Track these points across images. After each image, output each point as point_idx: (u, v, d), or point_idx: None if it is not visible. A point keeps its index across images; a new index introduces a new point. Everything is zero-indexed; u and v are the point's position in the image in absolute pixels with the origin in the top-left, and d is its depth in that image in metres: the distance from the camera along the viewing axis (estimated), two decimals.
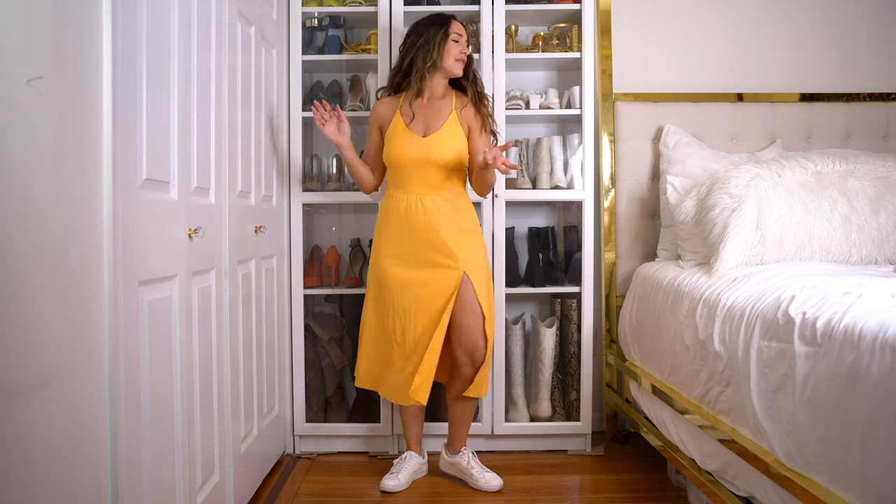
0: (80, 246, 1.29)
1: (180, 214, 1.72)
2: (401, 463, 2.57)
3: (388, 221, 2.50)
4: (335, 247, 3.06)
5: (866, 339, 1.39)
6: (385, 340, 2.48)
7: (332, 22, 2.94)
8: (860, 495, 1.38)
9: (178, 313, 1.70)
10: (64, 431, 1.23)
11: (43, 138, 1.18)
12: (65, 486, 1.24)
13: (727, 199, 2.37)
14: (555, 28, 2.99)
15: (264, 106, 2.56)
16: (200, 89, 1.86)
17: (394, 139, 2.49)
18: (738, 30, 3.15)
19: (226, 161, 2.08)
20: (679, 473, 2.46)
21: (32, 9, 1.15)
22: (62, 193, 1.23)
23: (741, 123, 3.01)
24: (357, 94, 2.96)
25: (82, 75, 1.30)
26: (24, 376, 1.12)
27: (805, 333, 1.60)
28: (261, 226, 2.43)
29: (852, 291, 1.62)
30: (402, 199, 2.47)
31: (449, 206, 2.46)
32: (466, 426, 2.59)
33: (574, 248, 2.99)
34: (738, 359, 1.87)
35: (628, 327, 2.79)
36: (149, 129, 1.53)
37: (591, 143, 2.89)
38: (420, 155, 2.44)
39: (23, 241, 1.12)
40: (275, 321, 2.70)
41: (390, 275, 2.46)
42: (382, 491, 2.49)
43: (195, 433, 1.82)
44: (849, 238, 2.35)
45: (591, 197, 2.89)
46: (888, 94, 3.06)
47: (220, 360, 2.03)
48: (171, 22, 1.68)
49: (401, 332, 2.44)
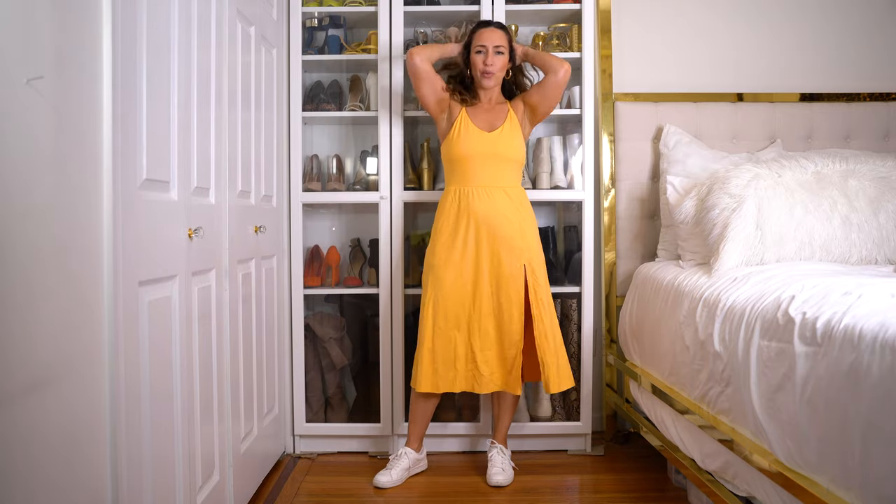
0: (80, 246, 1.29)
1: (180, 214, 1.72)
2: (396, 459, 2.59)
3: (449, 217, 2.54)
4: (335, 247, 3.06)
5: (866, 339, 1.39)
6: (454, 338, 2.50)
7: (332, 22, 2.94)
8: (860, 495, 1.37)
9: (178, 313, 1.70)
10: (63, 431, 1.23)
11: (43, 138, 1.18)
12: (64, 486, 1.24)
13: (727, 199, 2.37)
14: (555, 28, 2.99)
15: (264, 106, 2.56)
16: (200, 89, 1.86)
17: (461, 132, 2.54)
18: (738, 30, 3.15)
19: (226, 161, 2.07)
20: (679, 473, 2.46)
21: (32, 9, 1.15)
22: (62, 193, 1.23)
23: (741, 123, 3.01)
24: (357, 94, 2.96)
25: (82, 75, 1.30)
26: (23, 376, 1.12)
27: (805, 333, 1.60)
28: (261, 226, 2.43)
29: (852, 291, 1.61)
30: (466, 192, 2.53)
31: (512, 201, 2.54)
32: (501, 420, 2.65)
33: (574, 248, 2.99)
34: (738, 359, 1.87)
35: (628, 327, 2.79)
36: (149, 128, 1.53)
37: (591, 143, 2.89)
38: (487, 149, 2.52)
39: (22, 241, 1.12)
40: (275, 321, 2.70)
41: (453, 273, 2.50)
42: (375, 486, 2.51)
43: (195, 433, 1.82)
44: (849, 238, 2.35)
45: (591, 197, 2.89)
46: (888, 94, 3.06)
47: (220, 359, 2.03)
48: (171, 22, 1.68)
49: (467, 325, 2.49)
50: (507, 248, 2.50)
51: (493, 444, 2.63)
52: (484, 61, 2.51)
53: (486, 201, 2.51)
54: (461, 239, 2.51)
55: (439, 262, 2.52)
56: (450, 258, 2.51)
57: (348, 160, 3.08)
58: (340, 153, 3.06)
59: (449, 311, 2.50)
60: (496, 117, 2.59)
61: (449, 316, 2.50)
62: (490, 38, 2.51)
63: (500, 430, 2.65)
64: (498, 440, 2.64)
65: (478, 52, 2.53)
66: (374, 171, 2.95)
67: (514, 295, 2.49)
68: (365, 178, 2.99)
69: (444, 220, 2.55)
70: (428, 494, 2.49)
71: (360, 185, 2.99)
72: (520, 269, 2.50)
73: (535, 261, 2.54)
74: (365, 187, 2.95)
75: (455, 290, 2.50)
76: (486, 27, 2.55)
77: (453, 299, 2.50)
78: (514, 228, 2.51)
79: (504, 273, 2.49)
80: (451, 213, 2.54)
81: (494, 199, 2.52)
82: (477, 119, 2.57)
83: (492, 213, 2.50)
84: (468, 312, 2.50)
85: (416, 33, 2.99)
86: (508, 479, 2.53)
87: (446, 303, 2.50)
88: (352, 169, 3.08)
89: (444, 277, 2.51)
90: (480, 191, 2.52)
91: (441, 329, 2.50)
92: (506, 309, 2.49)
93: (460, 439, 2.89)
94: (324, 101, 2.90)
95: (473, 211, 2.51)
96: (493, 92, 2.61)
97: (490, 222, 2.50)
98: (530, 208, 2.62)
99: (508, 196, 2.53)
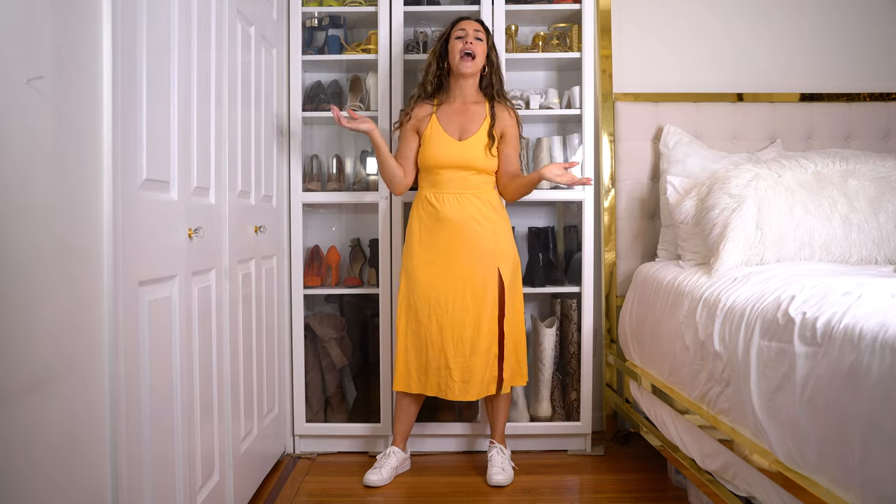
0: (80, 246, 1.29)
1: (180, 214, 1.72)
2: (384, 458, 2.60)
3: (422, 221, 2.55)
4: (335, 247, 3.06)
5: (866, 339, 1.39)
6: (426, 340, 2.52)
7: (332, 22, 2.94)
8: (860, 495, 1.37)
9: (178, 313, 1.70)
10: (64, 431, 1.23)
11: (43, 138, 1.18)
12: (64, 486, 1.24)
13: (727, 199, 2.37)
14: (555, 28, 2.99)
15: (264, 106, 2.56)
16: (200, 89, 1.86)
17: (432, 142, 2.55)
18: (738, 30, 3.15)
19: (226, 161, 2.07)
20: (679, 473, 2.46)
21: (32, 8, 1.15)
22: (62, 193, 1.23)
23: (741, 123, 3.01)
24: (357, 94, 2.96)
25: (82, 75, 1.30)
26: (23, 375, 1.12)
27: (805, 333, 1.60)
28: (261, 226, 2.43)
29: (852, 291, 1.61)
30: (438, 198, 2.54)
31: (484, 204, 2.54)
32: (497, 420, 2.65)
33: (574, 248, 2.99)
34: (738, 359, 1.87)
35: (628, 327, 2.79)
36: (149, 128, 1.53)
37: (591, 143, 2.89)
38: (457, 158, 2.52)
39: (23, 241, 1.12)
40: (275, 321, 2.70)
41: (425, 276, 2.52)
42: (366, 485, 2.52)
43: (195, 433, 1.82)
44: (849, 238, 2.35)
45: (591, 197, 2.89)
46: (888, 94, 3.06)
47: (220, 360, 2.03)
48: (171, 22, 1.68)
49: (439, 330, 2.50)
50: (479, 252, 2.51)
51: (493, 443, 2.64)
52: (464, 41, 2.52)
53: (457, 207, 2.52)
54: (434, 244, 2.53)
55: (412, 265, 2.55)
56: (422, 262, 2.53)
57: (348, 160, 3.09)
58: (340, 153, 3.06)
59: (421, 314, 2.52)
60: (469, 121, 2.58)
61: (421, 319, 2.52)
62: (470, 25, 2.55)
63: (496, 429, 2.66)
64: (496, 440, 2.65)
65: (458, 38, 2.54)
66: (374, 171, 2.95)
67: (489, 297, 2.50)
68: (365, 178, 2.99)
69: (416, 224, 2.58)
70: (428, 494, 2.49)
71: (359, 185, 2.99)
72: (493, 272, 2.52)
73: (508, 264, 2.55)
74: (365, 187, 2.95)
75: (427, 293, 2.52)
76: (465, 19, 2.59)
77: (424, 301, 2.52)
78: (485, 231, 2.52)
79: (478, 276, 2.50)
80: (422, 217, 2.56)
81: (465, 204, 2.53)
82: (448, 123, 2.57)
83: (463, 218, 2.51)
84: (440, 317, 2.51)
85: (416, 33, 2.99)
86: (508, 479, 2.53)
87: (418, 304, 2.53)
88: (352, 169, 3.08)
89: (418, 280, 2.53)
90: (451, 197, 2.53)
91: (413, 330, 2.54)
92: (479, 312, 2.50)
93: (459, 439, 2.89)
94: (324, 101, 2.90)
95: (444, 216, 2.52)
96: (468, 86, 2.59)
97: (462, 227, 2.51)
98: (503, 211, 2.63)
99: (480, 200, 2.55)
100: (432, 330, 2.51)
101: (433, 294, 2.51)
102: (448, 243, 2.52)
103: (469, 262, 2.51)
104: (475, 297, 2.50)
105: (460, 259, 2.51)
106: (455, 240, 2.51)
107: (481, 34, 2.55)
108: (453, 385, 2.50)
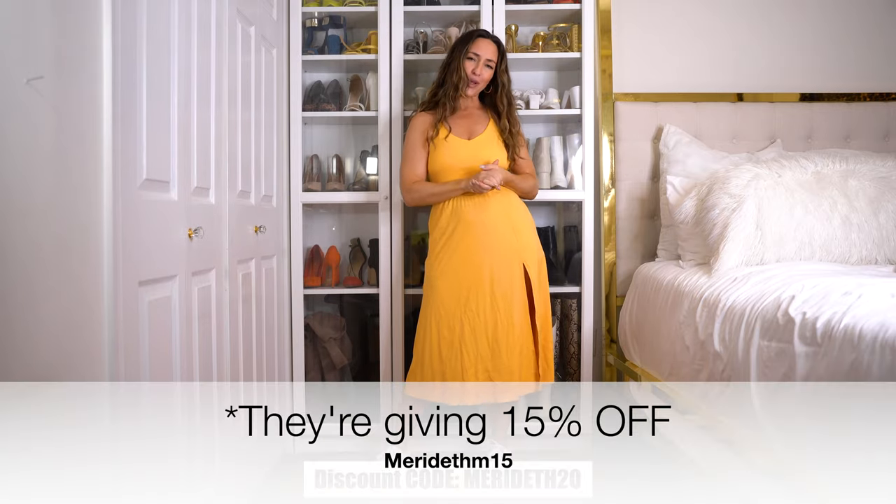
0: (80, 246, 1.29)
1: (180, 214, 1.72)
2: None
3: (443, 230, 2.51)
4: (335, 247, 3.06)
5: (866, 339, 1.39)
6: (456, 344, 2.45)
7: (332, 22, 2.94)
8: None
9: (177, 313, 1.70)
10: None
11: (43, 138, 1.18)
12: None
13: (727, 199, 2.37)
14: (555, 28, 2.99)
15: (264, 106, 2.56)
16: (200, 89, 1.86)
17: (440, 147, 2.54)
18: (738, 30, 3.15)
19: (226, 161, 2.07)
20: None
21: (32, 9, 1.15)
22: (62, 193, 1.23)
23: (741, 123, 3.01)
24: (357, 94, 2.96)
25: (82, 75, 1.30)
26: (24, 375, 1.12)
27: (805, 333, 1.60)
28: (261, 226, 2.43)
29: (852, 291, 1.62)
30: (456, 202, 2.51)
31: (500, 202, 2.51)
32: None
33: (574, 248, 2.99)
34: (738, 359, 1.87)
35: (628, 327, 2.79)
36: (149, 128, 1.53)
37: (591, 143, 2.89)
38: (469, 158, 2.51)
39: (23, 241, 1.12)
40: (275, 321, 2.70)
41: (454, 279, 2.46)
42: None
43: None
44: (849, 238, 2.35)
45: (591, 197, 2.89)
46: (888, 94, 3.06)
47: (220, 360, 2.02)
48: (171, 22, 1.68)
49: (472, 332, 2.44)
50: (503, 250, 2.48)
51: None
52: (473, 70, 2.52)
53: (475, 208, 2.49)
54: (457, 249, 2.48)
55: (436, 274, 2.50)
56: (446, 270, 2.48)
57: (348, 160, 3.09)
58: (340, 153, 3.06)
59: (453, 320, 2.45)
60: (475, 122, 2.59)
61: (454, 325, 2.45)
62: (485, 51, 2.52)
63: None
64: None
65: (469, 59, 2.52)
66: (374, 171, 2.95)
67: (517, 295, 2.47)
68: (365, 178, 2.99)
69: (438, 231, 2.54)
70: None
71: (359, 184, 2.99)
72: (519, 269, 2.49)
73: (532, 259, 2.52)
74: (365, 187, 2.95)
75: (454, 301, 2.45)
76: (485, 37, 2.55)
77: (454, 310, 2.45)
78: (507, 229, 2.49)
79: (504, 276, 2.46)
80: (443, 223, 2.53)
81: (484, 204, 2.49)
82: (456, 126, 2.57)
83: (483, 219, 2.48)
84: (472, 320, 2.44)
85: (416, 33, 2.99)
86: None
87: (448, 313, 2.45)
88: (352, 169, 3.08)
89: (442, 289, 2.47)
90: (469, 198, 2.50)
91: (446, 339, 2.45)
92: (509, 312, 2.45)
93: None
94: (324, 101, 2.90)
95: (464, 219, 2.49)
96: (473, 100, 2.62)
97: (483, 227, 2.48)
98: (523, 206, 2.59)
99: (498, 198, 2.51)
100: (465, 334, 2.44)
101: (463, 298, 2.45)
102: (472, 246, 2.47)
103: (494, 261, 2.45)
104: (504, 295, 2.45)
105: (485, 259, 2.45)
106: (478, 241, 2.47)
107: (493, 63, 2.54)
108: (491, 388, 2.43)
